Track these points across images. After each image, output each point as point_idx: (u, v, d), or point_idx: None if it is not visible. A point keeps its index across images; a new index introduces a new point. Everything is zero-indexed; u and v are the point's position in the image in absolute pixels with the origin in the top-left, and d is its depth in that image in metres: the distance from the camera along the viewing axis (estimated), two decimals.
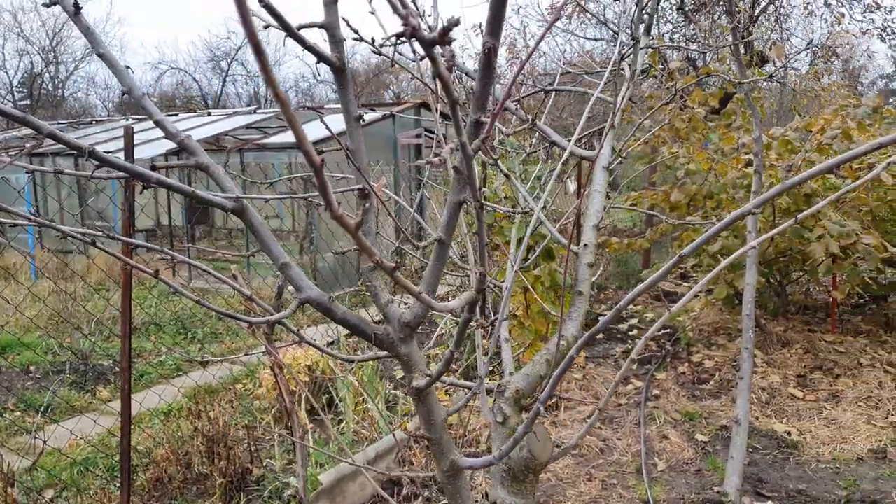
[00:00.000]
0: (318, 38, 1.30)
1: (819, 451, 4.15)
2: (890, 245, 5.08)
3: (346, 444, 3.99)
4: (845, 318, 6.67)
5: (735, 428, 3.62)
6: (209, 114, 14.79)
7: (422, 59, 1.65)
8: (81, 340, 6.17)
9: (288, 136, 9.77)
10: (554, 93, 2.19)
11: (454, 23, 0.52)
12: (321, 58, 1.11)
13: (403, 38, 0.86)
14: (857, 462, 4.01)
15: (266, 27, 1.19)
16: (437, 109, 1.54)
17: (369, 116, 9.66)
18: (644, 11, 2.11)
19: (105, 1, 54.01)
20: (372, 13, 1.93)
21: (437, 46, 0.54)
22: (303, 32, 1.13)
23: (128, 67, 1.15)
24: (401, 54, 1.70)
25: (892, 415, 4.57)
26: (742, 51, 3.84)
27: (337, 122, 1.49)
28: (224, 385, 5.20)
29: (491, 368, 4.86)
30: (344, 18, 1.30)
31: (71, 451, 4.13)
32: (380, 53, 1.32)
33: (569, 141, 1.72)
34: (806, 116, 6.64)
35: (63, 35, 29.24)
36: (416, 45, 1.69)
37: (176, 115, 15.70)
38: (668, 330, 6.63)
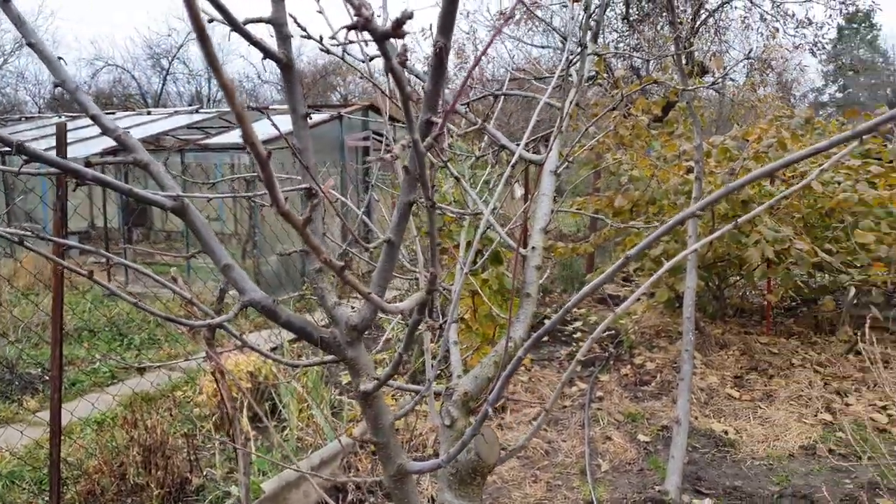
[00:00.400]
0: (265, 33, 1.27)
1: (754, 448, 4.30)
2: (820, 250, 5.33)
3: (290, 451, 3.91)
4: (779, 321, 6.95)
5: (676, 428, 3.72)
6: (149, 113, 14.33)
7: (371, 59, 1.63)
8: (7, 348, 5.85)
9: (230, 137, 9.56)
10: (502, 98, 2.21)
11: (408, 16, 0.51)
12: (267, 54, 1.08)
13: (354, 32, 0.84)
14: (788, 458, 4.17)
15: (210, 21, 1.15)
16: (386, 111, 1.53)
17: (317, 117, 9.54)
18: (591, 19, 2.14)
19: None
20: (320, 12, 1.90)
21: (390, 40, 0.53)
22: (249, 28, 1.09)
23: (60, 59, 1.09)
24: (350, 54, 1.68)
25: (822, 413, 4.77)
26: (684, 61, 3.96)
27: (283, 123, 1.45)
28: (163, 392, 5.02)
29: (438, 372, 4.86)
30: (291, 15, 1.28)
31: None
32: (328, 52, 1.30)
33: (517, 145, 1.73)
34: (743, 126, 6.91)
35: None
36: (367, 46, 1.67)
37: (113, 113, 15.12)
38: (612, 332, 6.77)
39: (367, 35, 0.58)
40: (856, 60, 35.45)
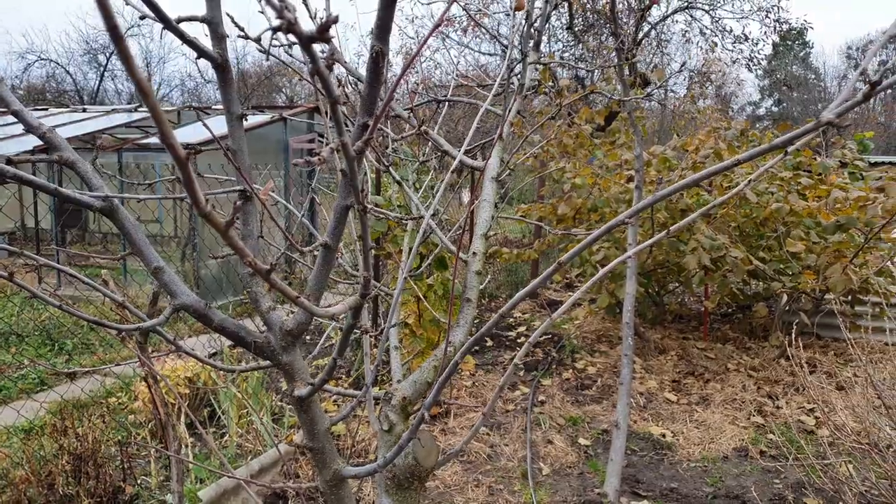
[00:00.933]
0: (201, 33, 1.25)
1: (690, 451, 4.42)
2: (754, 258, 5.54)
3: (229, 458, 3.82)
4: (716, 327, 7.18)
5: (615, 432, 3.80)
6: (84, 110, 13.78)
7: (289, 45, 1.61)
8: None
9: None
10: (446, 104, 2.22)
11: (333, 20, 0.52)
12: (202, 53, 1.06)
13: (281, 33, 0.84)
14: (722, 460, 4.31)
15: (142, 18, 1.13)
16: (326, 112, 1.52)
17: (260, 118, 9.38)
18: (533, 28, 2.18)
19: None
20: (261, 13, 1.88)
21: (316, 43, 0.53)
22: (184, 27, 1.08)
23: None
24: (291, 56, 1.66)
25: (754, 415, 4.95)
26: (626, 72, 4.07)
27: (222, 124, 1.43)
28: (95, 399, 4.83)
29: (380, 377, 4.84)
30: (228, 15, 1.26)
31: None
32: (266, 52, 1.28)
33: (459, 151, 1.75)
34: (683, 136, 7.14)
35: None
36: (291, 49, 1.66)
37: (46, 109, 14.50)
38: (554, 337, 6.88)
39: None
40: (790, 76, 37.12)
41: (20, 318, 7.01)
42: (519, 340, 7.02)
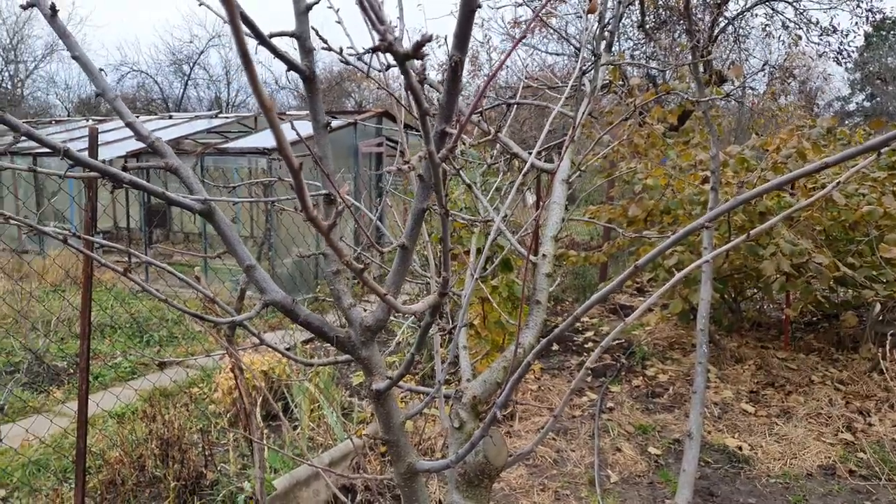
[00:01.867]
0: (289, 46, 1.33)
1: (769, 466, 4.23)
2: (842, 264, 5.24)
3: (300, 451, 3.97)
4: (798, 336, 6.79)
5: (687, 441, 3.71)
6: (170, 117, 14.55)
7: (387, 68, 1.68)
8: (37, 340, 6.01)
9: (249, 141, 9.71)
10: (515, 106, 2.25)
11: (427, 39, 0.56)
12: (291, 66, 1.14)
13: (377, 51, 0.89)
14: (806, 478, 4.09)
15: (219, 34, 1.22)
16: (401, 119, 1.58)
17: (332, 123, 9.65)
18: (605, 29, 2.18)
19: (67, 1, 53.12)
20: (339, 23, 1.97)
21: (411, 60, 0.58)
22: (275, 41, 1.15)
23: (102, 70, 1.15)
24: (366, 63, 1.74)
25: (842, 432, 4.67)
26: (701, 69, 3.98)
27: (300, 128, 1.51)
28: (180, 388, 5.12)
29: (448, 377, 4.90)
30: (314, 28, 1.33)
31: (24, 451, 4.04)
32: (347, 63, 1.35)
33: (529, 153, 1.78)
34: (763, 135, 6.86)
35: (24, 34, 28.54)
36: (384, 56, 1.73)
37: (137, 116, 15.40)
38: (624, 343, 6.76)
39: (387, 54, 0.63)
40: (884, 69, 34.86)
41: (114, 311, 7.49)
42: (587, 346, 6.94)
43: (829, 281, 5.21)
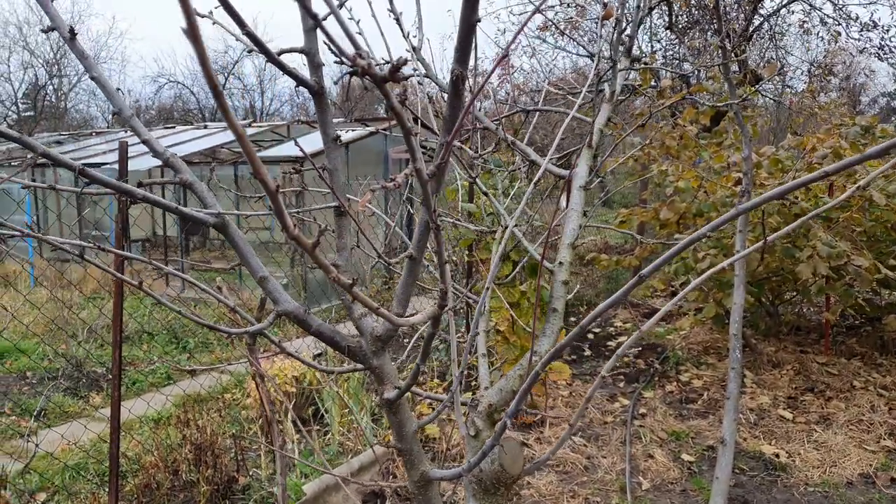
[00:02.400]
0: (299, 63, 1.36)
1: (808, 474, 4.11)
2: (884, 266, 5.07)
3: (332, 455, 4.01)
4: (839, 340, 6.60)
5: (721, 448, 3.63)
6: (206, 127, 14.89)
7: (405, 79, 1.71)
8: (76, 348, 6.20)
9: (282, 150, 9.88)
10: (536, 113, 2.25)
11: (402, 62, 0.58)
12: (300, 82, 1.16)
13: (354, 75, 0.91)
14: (846, 486, 3.97)
15: (249, 52, 1.24)
16: (431, 125, 1.60)
17: (360, 132, 9.76)
18: (625, 34, 2.17)
19: (108, 15, 54.97)
20: (360, 34, 2.00)
21: (389, 83, 0.59)
22: (284, 58, 1.18)
23: (118, 89, 1.20)
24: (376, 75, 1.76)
25: (885, 439, 4.53)
26: (735, 69, 3.91)
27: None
28: (212, 394, 5.23)
29: (472, 382, 4.90)
30: (327, 41, 1.36)
31: (63, 456, 4.18)
32: (356, 74, 1.37)
33: (546, 160, 1.77)
34: (801, 135, 6.68)
35: (66, 49, 29.60)
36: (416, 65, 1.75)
37: (173, 127, 15.80)
38: (658, 348, 6.66)
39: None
40: None
41: (151, 318, 7.68)
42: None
43: (871, 283, 5.05)
